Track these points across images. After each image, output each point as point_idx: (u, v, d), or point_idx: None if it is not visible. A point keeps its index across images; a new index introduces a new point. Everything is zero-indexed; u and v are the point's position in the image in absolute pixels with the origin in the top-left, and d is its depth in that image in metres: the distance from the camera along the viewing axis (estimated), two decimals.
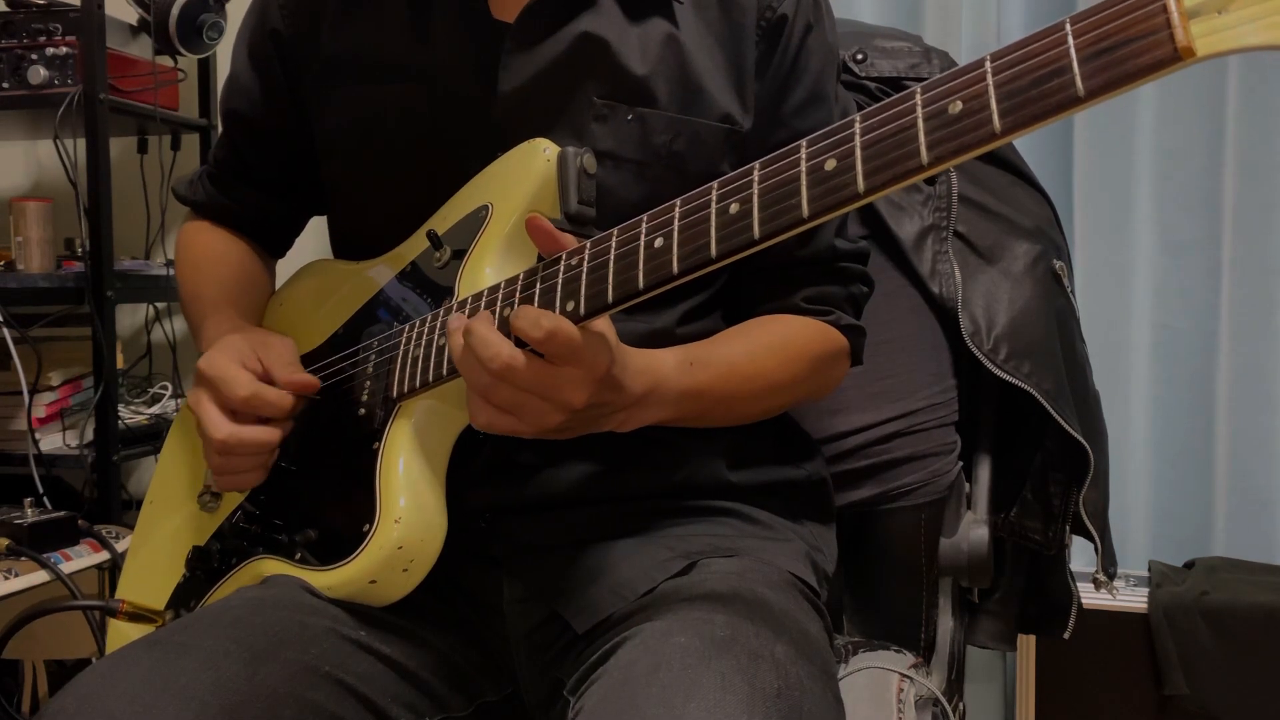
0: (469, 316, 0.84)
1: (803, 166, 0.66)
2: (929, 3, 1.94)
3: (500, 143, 0.92)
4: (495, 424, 0.79)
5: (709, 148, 0.95)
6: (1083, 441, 1.25)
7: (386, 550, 0.84)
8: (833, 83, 1.02)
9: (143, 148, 2.23)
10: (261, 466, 0.95)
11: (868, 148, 0.63)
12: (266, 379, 0.93)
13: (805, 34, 0.98)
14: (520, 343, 0.76)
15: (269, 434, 0.92)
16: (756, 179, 0.69)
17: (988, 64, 0.60)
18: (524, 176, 0.89)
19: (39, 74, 1.87)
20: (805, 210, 0.66)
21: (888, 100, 0.64)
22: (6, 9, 1.95)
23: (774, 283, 1.01)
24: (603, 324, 0.79)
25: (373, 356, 0.94)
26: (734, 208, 0.69)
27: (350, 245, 1.07)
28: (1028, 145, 1.83)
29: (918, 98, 0.62)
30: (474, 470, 0.91)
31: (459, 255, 0.90)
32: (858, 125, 0.64)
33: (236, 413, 0.92)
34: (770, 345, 0.97)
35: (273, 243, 1.19)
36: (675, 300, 0.96)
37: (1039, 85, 0.58)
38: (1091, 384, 1.38)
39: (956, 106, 0.60)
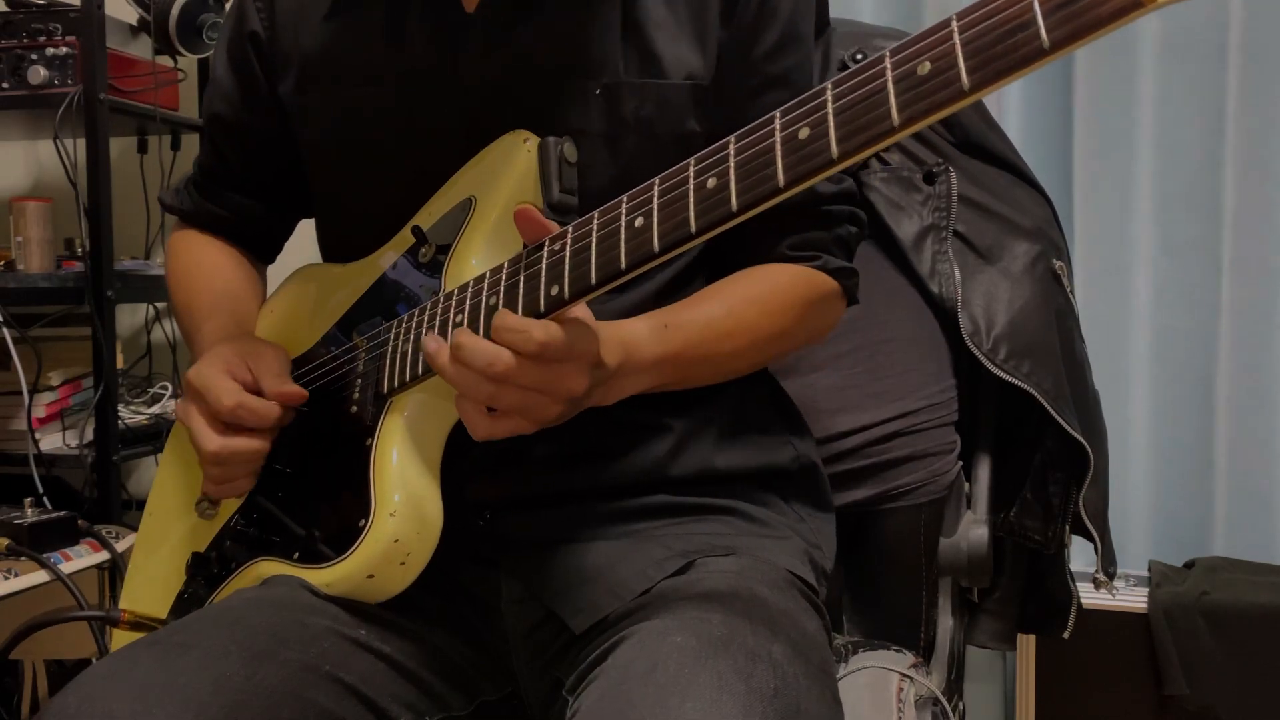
0: (454, 311, 0.84)
1: (777, 136, 0.67)
2: (929, 3, 1.95)
3: (476, 135, 0.92)
4: (495, 431, 0.79)
5: (675, 108, 0.94)
6: (1082, 441, 1.25)
7: (382, 544, 0.84)
8: (808, 21, 0.99)
9: (143, 148, 2.24)
10: (253, 474, 0.95)
11: (840, 113, 0.64)
12: (255, 388, 0.93)
13: None
14: None
15: (258, 444, 0.92)
16: (732, 152, 0.69)
17: (954, 23, 0.60)
18: (506, 168, 0.89)
19: (39, 74, 1.88)
20: (781, 180, 0.66)
21: (859, 65, 0.64)
22: (6, 9, 1.96)
23: (757, 236, 0.98)
24: (580, 309, 0.78)
25: (363, 353, 0.94)
26: (711, 182, 0.70)
27: (338, 247, 1.07)
28: (1028, 145, 1.84)
29: (887, 60, 0.63)
30: (469, 465, 0.91)
31: (444, 249, 0.91)
32: (829, 92, 0.65)
33: (226, 423, 0.92)
34: (751, 297, 0.96)
35: (262, 248, 1.19)
36: (651, 273, 0.96)
37: (1005, 40, 0.58)
38: (1091, 384, 1.39)
39: (925, 67, 0.61)
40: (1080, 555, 1.43)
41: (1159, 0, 0.54)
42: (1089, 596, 1.65)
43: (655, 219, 0.72)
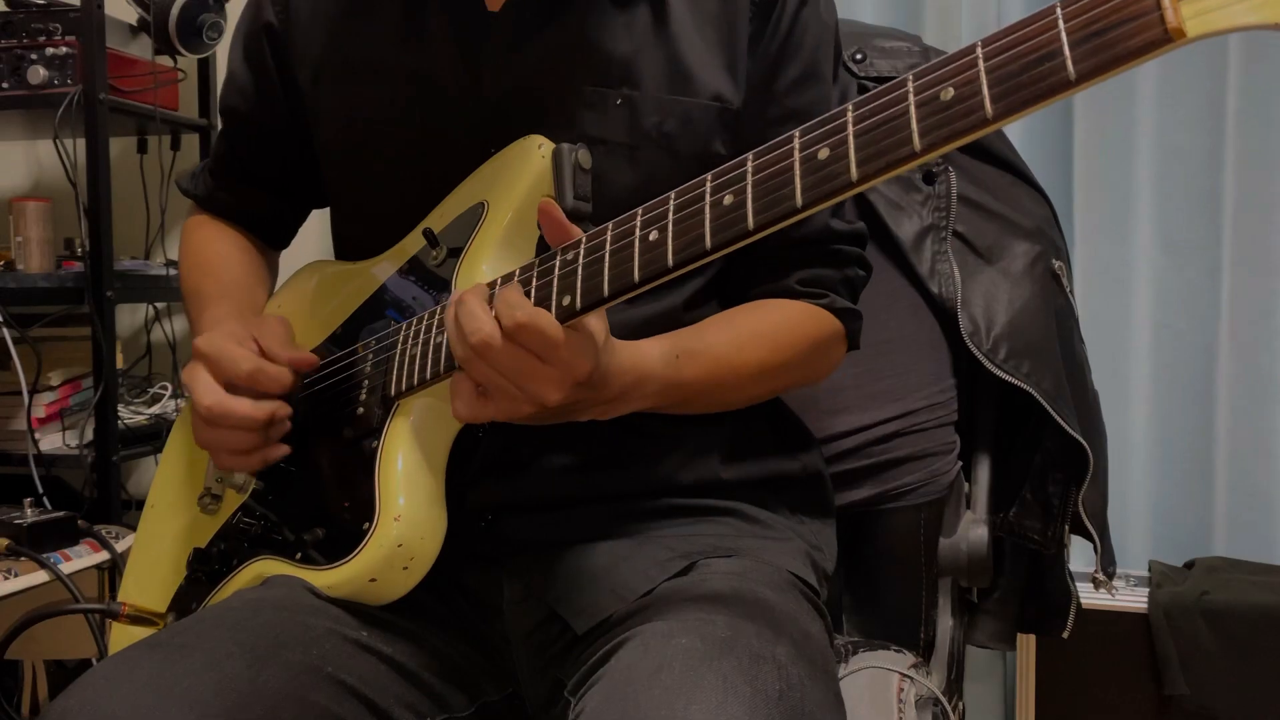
0: None
1: (796, 156, 0.66)
2: (929, 3, 1.95)
3: (493, 137, 0.92)
4: (476, 414, 0.79)
5: (700, 128, 0.94)
6: (1082, 441, 1.25)
7: (386, 548, 0.84)
8: (829, 61, 1.01)
9: (142, 148, 2.23)
10: (248, 450, 0.92)
11: (860, 136, 0.63)
12: (265, 357, 0.93)
13: (799, 9, 0.97)
14: None
15: (255, 408, 0.90)
16: (750, 169, 0.69)
17: (979, 50, 0.60)
18: (519, 173, 0.89)
19: (39, 74, 1.87)
20: (799, 200, 0.66)
21: (880, 88, 0.64)
22: (6, 9, 1.95)
23: (768, 265, 1.00)
24: (595, 324, 0.78)
25: (371, 355, 0.94)
26: (728, 199, 0.69)
27: (350, 244, 1.07)
28: (1028, 145, 1.84)
29: (909, 85, 0.62)
30: (473, 469, 0.91)
31: (455, 253, 0.91)
32: (850, 114, 0.64)
33: (234, 389, 0.91)
34: (760, 332, 0.96)
35: (274, 236, 1.20)
36: (682, 282, 0.96)
37: (1030, 70, 0.57)
38: (1091, 384, 1.39)
39: (948, 93, 0.60)
40: (1080, 555, 1.43)
41: (1188, 35, 0.53)
42: (1089, 596, 1.65)
43: (670, 234, 0.72)
